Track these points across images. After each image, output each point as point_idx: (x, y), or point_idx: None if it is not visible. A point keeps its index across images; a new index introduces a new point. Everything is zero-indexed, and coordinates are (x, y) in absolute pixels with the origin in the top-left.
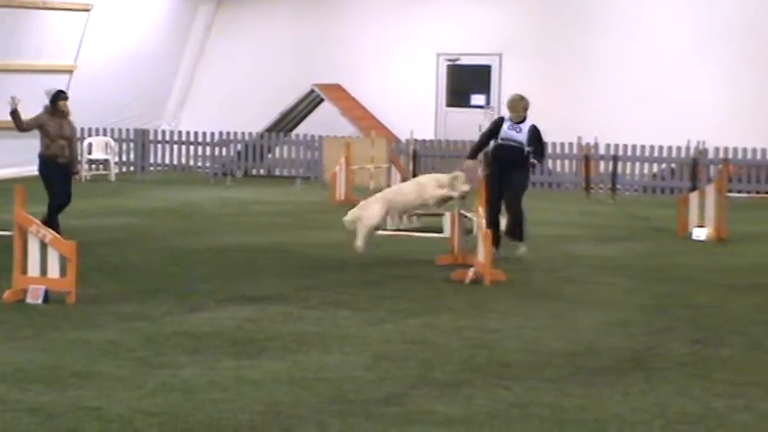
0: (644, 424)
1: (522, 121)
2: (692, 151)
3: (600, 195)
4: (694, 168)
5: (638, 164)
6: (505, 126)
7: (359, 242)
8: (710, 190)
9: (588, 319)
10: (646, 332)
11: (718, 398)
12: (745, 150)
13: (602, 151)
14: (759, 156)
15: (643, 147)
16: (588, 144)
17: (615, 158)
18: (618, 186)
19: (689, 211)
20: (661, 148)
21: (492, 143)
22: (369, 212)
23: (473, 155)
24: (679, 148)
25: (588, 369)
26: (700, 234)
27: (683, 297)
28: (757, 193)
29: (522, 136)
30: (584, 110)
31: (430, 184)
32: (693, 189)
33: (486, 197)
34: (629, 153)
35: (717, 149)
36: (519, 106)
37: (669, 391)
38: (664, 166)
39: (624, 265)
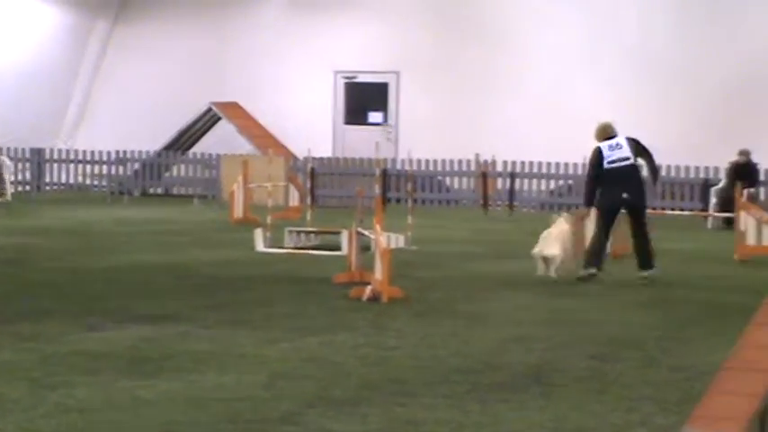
0: None
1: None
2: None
3: (498, 212)
4: None
5: (535, 181)
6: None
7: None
8: None
9: (486, 336)
10: (543, 348)
11: (614, 413)
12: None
13: (499, 168)
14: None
15: (540, 163)
16: (486, 161)
17: (513, 175)
18: (515, 203)
19: (585, 228)
20: (558, 164)
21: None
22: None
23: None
24: (576, 165)
25: (485, 385)
26: None
27: (579, 313)
28: (653, 209)
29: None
30: (481, 127)
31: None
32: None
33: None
34: (527, 170)
35: None
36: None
37: (566, 407)
38: (561, 182)
39: (522, 282)
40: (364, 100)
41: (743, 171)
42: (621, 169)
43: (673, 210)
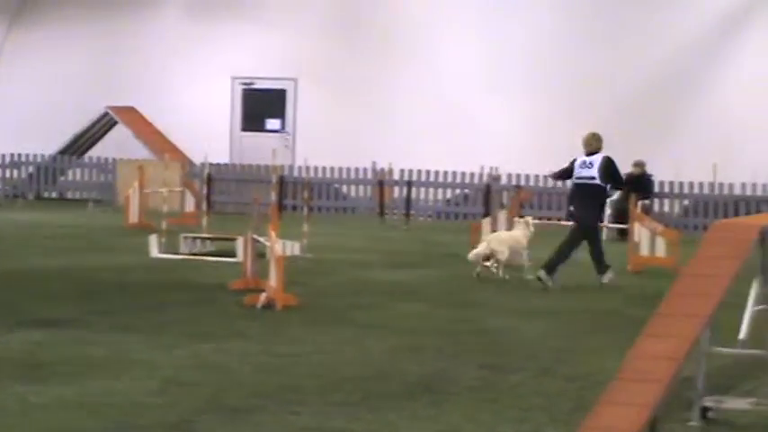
0: None
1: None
2: (485, 177)
3: (394, 221)
4: (487, 194)
5: (432, 189)
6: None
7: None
8: (503, 216)
9: (379, 344)
10: (436, 357)
11: (506, 423)
12: (537, 177)
13: (396, 177)
14: (551, 182)
15: (437, 172)
16: (383, 169)
17: (410, 184)
18: (412, 212)
19: (482, 237)
20: (455, 173)
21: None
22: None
23: None
24: (472, 174)
25: (378, 394)
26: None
27: (474, 322)
28: (549, 219)
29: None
30: (379, 135)
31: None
32: (486, 215)
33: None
34: (424, 179)
35: (510, 175)
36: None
37: (458, 417)
38: (458, 191)
39: (417, 291)
40: (262, 106)
41: (637, 183)
42: (582, 186)
43: (568, 220)
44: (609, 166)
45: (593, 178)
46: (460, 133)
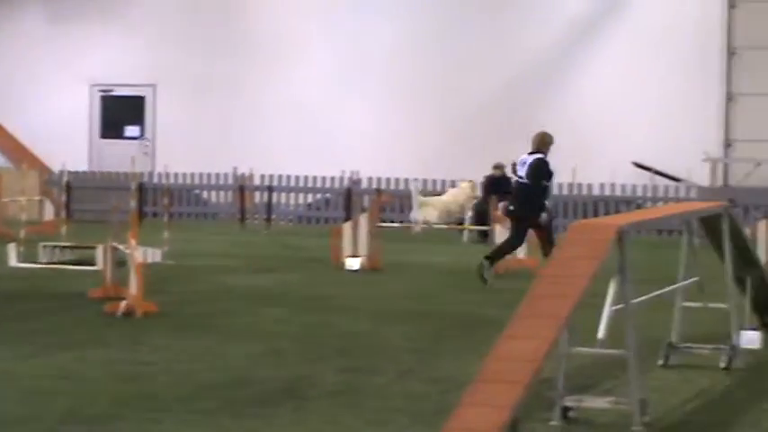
0: None
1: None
2: (345, 181)
3: (256, 226)
4: (348, 198)
5: (293, 194)
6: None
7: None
8: (363, 220)
9: (240, 350)
10: (298, 362)
11: (368, 426)
12: (397, 181)
13: (257, 182)
14: (411, 186)
15: (298, 177)
16: (243, 174)
17: (270, 189)
18: (273, 217)
19: (342, 241)
20: (315, 178)
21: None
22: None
23: None
24: (333, 179)
25: (239, 400)
26: (353, 264)
27: (336, 326)
28: (410, 222)
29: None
30: (240, 140)
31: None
32: (347, 219)
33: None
34: (285, 183)
35: (370, 180)
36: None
37: (320, 421)
38: (318, 196)
39: (278, 296)
40: (121, 113)
41: (498, 184)
42: (517, 185)
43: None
44: (534, 168)
45: (522, 177)
46: (321, 137)
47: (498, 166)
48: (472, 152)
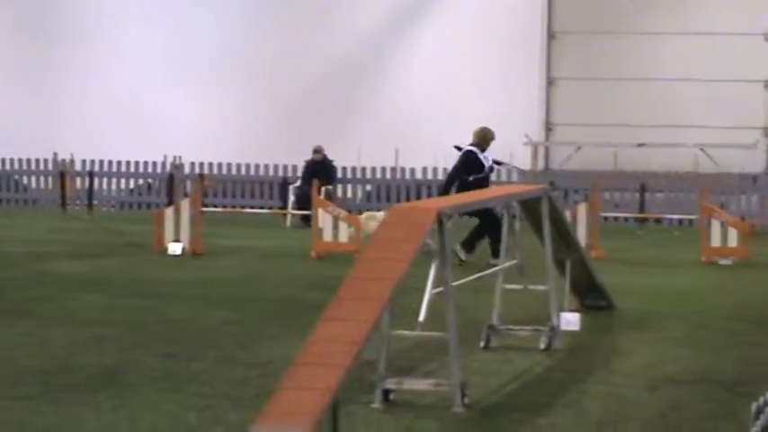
0: None
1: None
2: (168, 166)
3: (77, 212)
4: (170, 183)
5: (114, 179)
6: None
7: None
8: (186, 204)
9: (61, 336)
10: (119, 348)
11: (189, 411)
12: (219, 165)
13: (78, 167)
14: (234, 171)
15: (120, 162)
16: (64, 160)
17: (92, 174)
18: (95, 202)
19: (165, 226)
20: (138, 163)
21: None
22: None
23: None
24: (156, 164)
25: (59, 386)
26: (175, 249)
27: (157, 312)
28: (233, 207)
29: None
30: (60, 125)
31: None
32: (170, 204)
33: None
34: (106, 169)
35: (192, 164)
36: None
37: (141, 407)
38: (141, 181)
39: (100, 281)
40: None
41: (319, 169)
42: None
43: (252, 208)
44: (459, 160)
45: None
46: (143, 122)
47: (318, 150)
48: (297, 137)
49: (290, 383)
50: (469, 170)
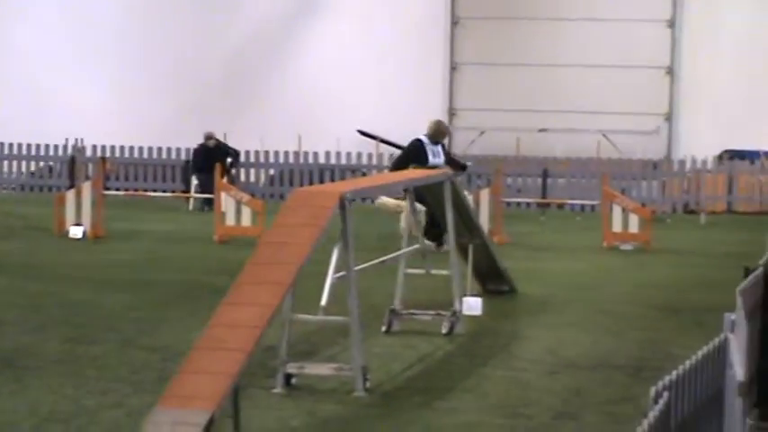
0: (13, 425)
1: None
2: (69, 149)
3: None
4: (72, 166)
5: (15, 162)
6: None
7: None
8: (87, 188)
9: None
10: (19, 332)
11: (89, 395)
12: (122, 149)
13: None
14: (136, 154)
15: (20, 145)
16: None
17: None
18: None
19: (66, 209)
20: (38, 146)
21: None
22: None
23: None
24: (57, 146)
25: None
26: (76, 232)
27: (58, 295)
28: (135, 191)
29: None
30: None
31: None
32: (71, 187)
33: None
34: (6, 151)
35: (94, 147)
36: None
37: (41, 391)
38: (42, 164)
39: None
40: None
41: (216, 154)
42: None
43: (155, 191)
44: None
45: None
46: (44, 105)
47: (209, 136)
48: (202, 121)
49: (191, 368)
50: (413, 159)
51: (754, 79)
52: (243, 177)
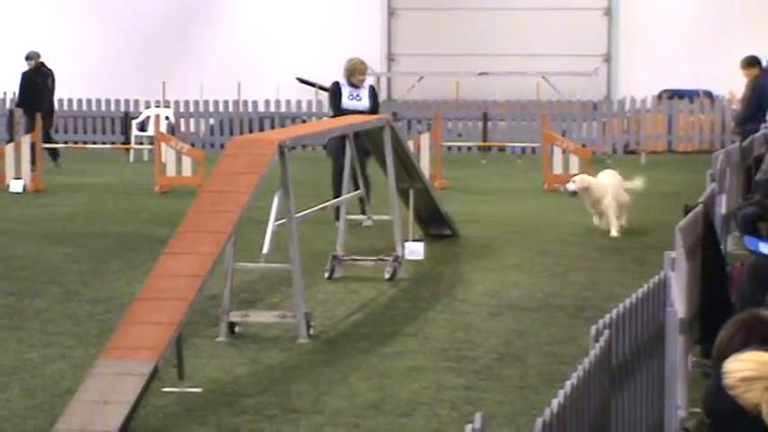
0: None
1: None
2: (8, 103)
3: None
4: (10, 120)
5: None
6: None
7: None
8: (26, 141)
9: None
10: None
11: (32, 348)
12: (60, 101)
13: None
14: (75, 106)
15: None
16: None
17: None
18: None
19: (5, 163)
20: None
21: None
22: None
23: None
24: None
25: None
26: (16, 186)
27: None
28: (75, 143)
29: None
30: None
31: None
32: (10, 141)
33: None
34: None
35: None
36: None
37: None
38: None
39: None
40: None
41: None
42: None
43: (95, 143)
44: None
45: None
46: None
47: (31, 56)
48: (141, 72)
49: (134, 318)
50: (330, 102)
51: (691, 19)
52: (183, 127)
